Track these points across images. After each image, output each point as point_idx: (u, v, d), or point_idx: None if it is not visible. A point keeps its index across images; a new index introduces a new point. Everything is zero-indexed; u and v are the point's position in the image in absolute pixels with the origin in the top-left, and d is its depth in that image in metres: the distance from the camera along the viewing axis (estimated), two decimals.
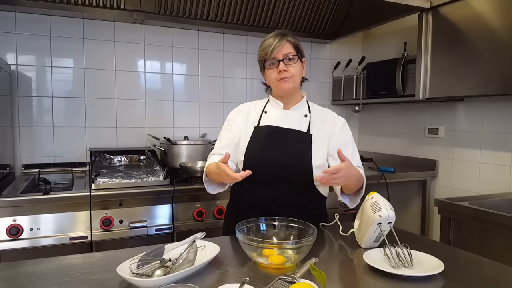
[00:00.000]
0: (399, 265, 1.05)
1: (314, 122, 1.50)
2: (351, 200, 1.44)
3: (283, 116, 1.49)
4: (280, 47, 1.39)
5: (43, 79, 2.45)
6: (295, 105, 1.51)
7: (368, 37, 3.30)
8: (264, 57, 1.42)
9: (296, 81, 1.44)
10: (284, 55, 1.39)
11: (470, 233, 1.85)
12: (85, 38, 2.51)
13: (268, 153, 1.42)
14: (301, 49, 1.45)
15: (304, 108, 1.53)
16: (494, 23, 1.99)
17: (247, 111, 1.56)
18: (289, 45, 1.41)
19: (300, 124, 1.48)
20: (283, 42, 1.39)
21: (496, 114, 2.31)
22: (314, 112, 1.53)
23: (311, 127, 1.48)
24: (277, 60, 1.40)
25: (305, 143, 1.44)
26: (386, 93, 2.72)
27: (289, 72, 1.40)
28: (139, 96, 2.70)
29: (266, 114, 1.52)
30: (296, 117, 1.49)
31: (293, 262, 1.08)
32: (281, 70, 1.40)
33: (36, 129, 2.46)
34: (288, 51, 1.40)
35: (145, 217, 2.03)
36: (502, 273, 1.10)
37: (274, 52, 1.39)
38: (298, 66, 1.44)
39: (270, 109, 1.53)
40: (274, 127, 1.46)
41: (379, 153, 3.12)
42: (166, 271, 0.96)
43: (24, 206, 1.82)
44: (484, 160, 2.37)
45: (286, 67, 1.40)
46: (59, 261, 1.12)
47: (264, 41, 1.44)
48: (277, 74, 1.41)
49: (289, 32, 1.46)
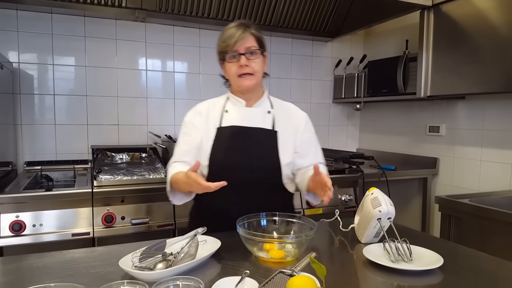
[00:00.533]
0: (398, 260, 1.06)
1: (278, 118, 1.43)
2: (315, 197, 1.38)
3: (246, 114, 1.42)
4: (243, 40, 1.30)
5: (45, 77, 2.46)
6: (257, 102, 1.44)
7: (370, 35, 3.31)
8: (225, 49, 1.33)
9: (258, 77, 1.37)
10: (247, 49, 1.31)
11: (470, 230, 1.85)
12: (87, 36, 2.52)
13: (234, 155, 1.35)
14: (264, 42, 1.38)
15: (266, 104, 1.46)
16: (496, 20, 1.99)
17: (206, 111, 1.45)
18: (252, 38, 1.33)
19: (264, 121, 1.41)
20: (246, 34, 1.31)
21: (497, 112, 2.31)
22: (277, 108, 1.47)
23: (275, 124, 1.42)
24: (238, 54, 1.31)
25: (271, 141, 1.38)
26: (388, 91, 2.72)
27: (251, 68, 1.32)
28: (140, 94, 2.71)
29: (227, 114, 1.43)
30: (259, 114, 1.42)
31: (293, 257, 1.09)
32: (242, 65, 1.31)
33: (38, 127, 2.47)
34: (251, 44, 1.32)
35: (147, 213, 2.04)
36: (501, 268, 1.11)
37: (237, 45, 1.30)
38: (260, 61, 1.36)
39: (231, 108, 1.44)
40: (238, 127, 1.38)
41: (380, 151, 3.12)
42: (168, 265, 0.97)
43: (26, 202, 1.83)
44: (485, 158, 2.38)
45: (248, 62, 1.31)
46: (62, 255, 1.13)
47: (225, 31, 1.35)
48: (237, 69, 1.33)
49: (252, 24, 1.38)
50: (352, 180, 2.52)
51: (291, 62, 3.14)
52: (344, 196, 2.47)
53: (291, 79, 3.14)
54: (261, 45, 1.37)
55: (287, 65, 3.13)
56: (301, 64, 3.18)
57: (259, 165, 1.36)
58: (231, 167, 1.34)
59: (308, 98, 3.22)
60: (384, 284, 0.99)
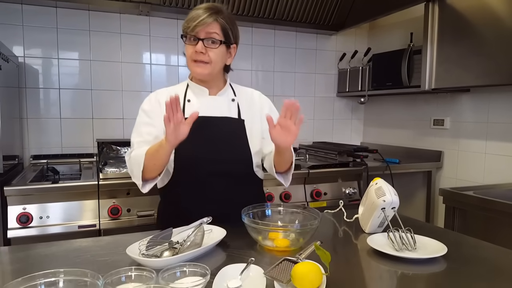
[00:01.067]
0: (402, 249, 1.06)
1: (242, 105, 1.39)
2: (284, 178, 1.36)
3: (210, 103, 1.34)
4: (205, 26, 1.22)
5: (50, 71, 2.48)
6: (221, 91, 1.38)
7: (374, 28, 3.29)
8: (185, 30, 1.26)
9: (214, 67, 1.28)
10: (207, 35, 1.23)
11: (474, 222, 1.85)
12: (91, 30, 2.53)
13: (202, 148, 1.27)
14: (230, 34, 1.29)
15: (230, 92, 1.41)
16: (501, 12, 1.98)
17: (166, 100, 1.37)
18: (217, 26, 1.24)
19: (229, 110, 1.36)
20: (211, 20, 1.23)
21: (502, 105, 2.30)
22: (240, 95, 1.42)
23: (241, 112, 1.38)
24: (197, 38, 1.24)
25: (239, 131, 1.34)
26: (392, 84, 2.72)
27: (207, 56, 1.24)
28: (145, 88, 2.72)
29: (189, 103, 1.35)
30: (224, 103, 1.36)
31: (297, 246, 1.10)
32: (197, 51, 1.24)
33: (43, 121, 2.49)
34: (213, 31, 1.24)
35: (153, 206, 2.06)
36: (504, 257, 1.11)
37: (197, 29, 1.23)
38: (220, 52, 1.27)
39: (193, 97, 1.36)
40: (203, 118, 1.26)
41: (384, 144, 3.12)
42: (174, 253, 0.98)
43: (33, 194, 1.85)
44: (490, 151, 2.37)
45: (205, 50, 1.23)
46: (69, 244, 1.15)
47: (193, 10, 1.27)
48: (193, 53, 1.25)
49: (225, 11, 1.29)
50: (356, 173, 2.52)
51: (295, 55, 3.13)
52: (348, 189, 2.48)
53: (295, 73, 3.13)
54: (226, 36, 1.28)
55: (291, 59, 3.12)
56: (305, 57, 3.18)
57: (229, 157, 1.31)
58: (199, 161, 1.28)
59: (312, 92, 3.21)
60: (388, 272, 1.00)
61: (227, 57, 1.34)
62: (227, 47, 1.31)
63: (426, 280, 0.96)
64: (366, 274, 1.01)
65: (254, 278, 0.87)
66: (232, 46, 1.33)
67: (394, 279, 0.97)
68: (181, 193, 1.32)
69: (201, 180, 1.29)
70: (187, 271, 0.86)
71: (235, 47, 1.35)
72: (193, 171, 1.17)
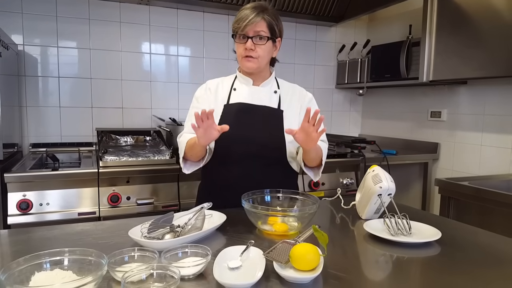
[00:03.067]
0: (398, 233, 1.09)
1: (284, 98, 1.49)
2: (314, 173, 1.47)
3: (253, 92, 1.46)
4: (253, 24, 1.33)
5: (49, 59, 2.48)
6: (264, 82, 1.49)
7: (373, 20, 3.30)
8: (236, 30, 1.37)
9: (262, 62, 1.40)
10: (255, 33, 1.35)
11: (469, 212, 1.88)
12: (91, 18, 2.53)
13: (240, 131, 1.38)
14: (276, 29, 1.40)
15: (273, 84, 1.52)
16: (499, 4, 1.99)
17: (215, 88, 1.50)
18: (264, 24, 1.36)
19: (270, 100, 1.46)
20: (258, 19, 1.34)
21: (498, 97, 2.32)
22: (283, 88, 1.52)
23: (281, 103, 1.47)
24: (246, 37, 1.35)
25: (277, 120, 1.43)
26: (390, 76, 2.73)
27: (255, 52, 1.36)
28: (144, 78, 2.72)
29: (235, 92, 1.48)
30: (266, 93, 1.47)
31: (296, 230, 1.12)
32: (247, 48, 1.35)
33: (43, 109, 2.49)
34: (261, 29, 1.35)
35: (152, 194, 2.08)
36: (496, 241, 1.15)
37: (247, 28, 1.34)
38: (268, 47, 1.39)
39: (239, 86, 1.49)
40: (245, 104, 1.43)
41: (382, 136, 3.14)
42: (176, 235, 1.01)
43: (33, 181, 1.87)
44: (486, 143, 2.40)
45: (254, 46, 1.35)
46: (71, 227, 1.17)
47: (241, 11, 1.38)
48: (242, 51, 1.37)
49: (270, 8, 1.40)
50: (354, 164, 2.55)
51: (295, 47, 3.14)
52: (346, 180, 2.50)
53: (295, 64, 3.14)
54: (272, 31, 1.39)
55: (291, 50, 3.13)
56: (305, 49, 3.18)
57: (264, 140, 1.40)
58: (237, 142, 1.38)
59: (311, 84, 3.23)
60: (384, 256, 1.02)
61: (273, 50, 1.45)
62: (273, 42, 1.42)
63: (421, 264, 0.99)
64: (363, 258, 1.04)
65: (254, 259, 0.89)
66: (278, 40, 1.44)
67: (390, 262, 1.00)
68: (219, 171, 1.44)
69: (237, 160, 1.40)
70: (189, 252, 0.88)
71: (280, 40, 1.45)
72: (231, 151, 1.29)
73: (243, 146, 1.39)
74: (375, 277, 0.91)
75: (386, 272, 0.94)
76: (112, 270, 0.79)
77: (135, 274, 0.75)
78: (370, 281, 0.89)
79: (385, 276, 0.92)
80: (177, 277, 0.74)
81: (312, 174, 1.47)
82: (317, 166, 1.47)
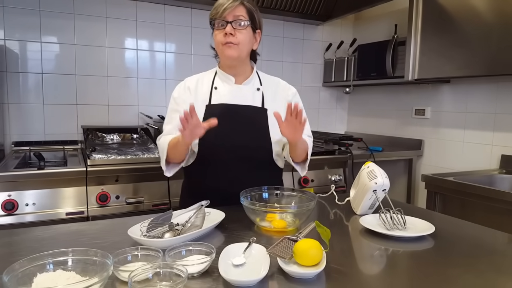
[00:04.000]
0: (393, 228, 1.12)
1: (267, 95, 1.45)
2: (301, 167, 1.47)
3: (235, 91, 1.41)
4: (232, 8, 1.29)
5: (32, 55, 2.41)
6: (247, 80, 1.44)
7: (359, 19, 3.34)
8: (214, 16, 1.32)
9: (242, 50, 1.34)
10: (235, 17, 1.30)
11: (454, 206, 1.95)
12: (76, 13, 2.47)
13: (225, 134, 1.33)
14: (256, 17, 1.36)
15: (256, 81, 1.47)
16: (480, 7, 2.06)
17: (195, 87, 1.45)
18: (243, 9, 1.32)
19: (253, 99, 1.42)
20: (237, 3, 1.30)
21: (479, 95, 2.40)
22: (266, 84, 1.48)
23: (265, 101, 1.43)
24: (225, 22, 1.30)
25: (261, 119, 1.40)
26: (376, 75, 2.78)
27: (236, 38, 1.30)
28: (131, 74, 2.68)
29: (216, 91, 1.42)
30: (249, 91, 1.43)
31: (294, 226, 1.14)
32: (227, 33, 1.30)
33: (26, 106, 2.42)
34: (240, 14, 1.31)
35: (142, 193, 2.06)
36: (483, 233, 1.21)
37: (225, 13, 1.29)
38: (248, 34, 1.34)
39: (220, 84, 1.44)
40: (228, 105, 1.38)
41: (368, 133, 3.20)
42: (176, 234, 1.00)
43: (19, 181, 1.82)
44: (468, 140, 2.48)
45: (234, 31, 1.30)
46: (66, 227, 1.15)
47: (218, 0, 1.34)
48: (222, 37, 1.31)
49: None
50: (342, 160, 2.58)
51: (283, 44, 3.15)
52: (334, 176, 2.54)
53: (283, 61, 3.16)
54: (252, 18, 1.35)
55: (278, 48, 3.14)
56: (292, 47, 3.20)
57: (250, 143, 1.37)
58: (222, 146, 1.35)
59: (298, 81, 3.25)
60: (379, 249, 1.05)
61: (253, 41, 1.40)
62: (253, 32, 1.37)
63: (416, 257, 1.02)
64: (361, 252, 1.06)
65: (257, 255, 0.90)
66: (257, 31, 1.39)
67: (387, 256, 1.02)
68: (203, 174, 1.41)
69: (222, 164, 1.37)
70: (193, 250, 0.88)
71: (260, 33, 1.41)
72: (216, 154, 1.25)
73: (228, 149, 1.35)
74: (374, 271, 0.93)
75: (384, 265, 0.97)
76: (116, 269, 0.78)
77: (141, 273, 0.75)
78: (370, 274, 0.92)
79: (383, 270, 0.94)
80: (185, 275, 0.74)
81: (299, 169, 1.47)
82: (303, 161, 1.46)
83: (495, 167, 2.28)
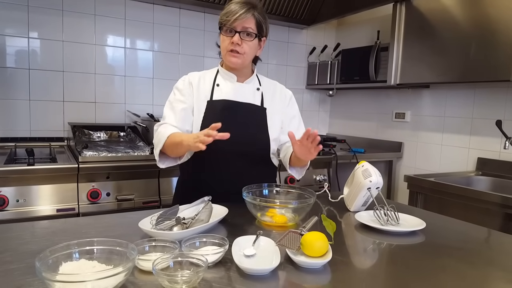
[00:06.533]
0: (387, 223, 1.20)
1: (266, 95, 1.51)
2: (298, 172, 1.50)
3: (237, 89, 1.46)
4: (243, 20, 1.32)
5: (19, 50, 2.36)
6: (248, 79, 1.49)
7: (342, 25, 3.46)
8: (224, 22, 1.36)
9: (247, 58, 1.40)
10: (243, 29, 1.34)
11: (434, 205, 2.06)
12: (64, 10, 2.44)
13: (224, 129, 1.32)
14: (263, 27, 1.40)
15: (256, 81, 1.53)
16: (458, 16, 2.20)
17: (197, 83, 1.47)
18: (253, 21, 1.35)
19: (254, 97, 1.48)
20: (249, 15, 1.33)
21: (457, 101, 2.55)
22: (264, 85, 1.54)
23: (264, 101, 1.50)
24: (234, 31, 1.34)
25: (261, 117, 1.46)
26: (359, 79, 2.89)
27: (242, 48, 1.35)
28: (118, 72, 2.67)
29: (218, 88, 1.46)
30: (250, 90, 1.49)
31: (294, 221, 1.20)
32: (233, 42, 1.35)
33: (11, 102, 2.38)
34: (249, 26, 1.34)
35: (132, 190, 2.07)
36: (468, 228, 1.32)
37: (236, 23, 1.33)
38: (254, 44, 1.39)
39: (222, 82, 1.48)
40: (229, 102, 1.43)
41: (349, 136, 3.31)
42: (184, 227, 1.04)
43: (9, 177, 1.80)
44: (446, 143, 2.62)
45: (240, 42, 1.34)
46: (74, 220, 1.19)
47: (231, 4, 1.36)
48: (229, 44, 1.36)
49: (259, 6, 1.39)
50: (326, 161, 2.67)
51: (268, 47, 3.22)
52: (319, 176, 2.62)
53: (268, 64, 3.23)
54: (260, 29, 1.39)
55: (264, 50, 3.15)
56: (277, 49, 3.28)
57: (250, 139, 1.42)
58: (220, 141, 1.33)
59: (282, 83, 3.22)
60: (374, 243, 1.12)
61: (258, 49, 1.45)
62: (259, 40, 1.42)
63: (412, 249, 1.10)
64: (359, 245, 1.13)
65: (265, 247, 0.95)
66: (263, 39, 1.44)
67: (382, 248, 1.10)
68: (201, 169, 1.43)
69: (221, 158, 1.39)
70: (207, 242, 0.93)
71: (265, 40, 1.45)
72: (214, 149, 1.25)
73: (228, 144, 1.34)
74: (374, 261, 1.01)
75: (382, 257, 1.04)
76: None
77: (163, 262, 0.78)
78: (371, 265, 0.99)
79: (382, 260, 1.02)
80: (205, 264, 0.78)
81: (296, 173, 1.50)
82: (302, 166, 1.51)
83: (472, 169, 2.43)
